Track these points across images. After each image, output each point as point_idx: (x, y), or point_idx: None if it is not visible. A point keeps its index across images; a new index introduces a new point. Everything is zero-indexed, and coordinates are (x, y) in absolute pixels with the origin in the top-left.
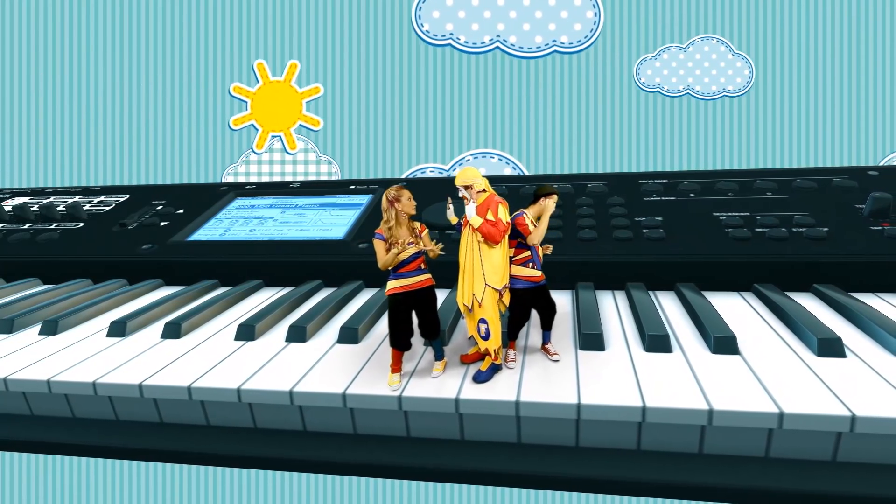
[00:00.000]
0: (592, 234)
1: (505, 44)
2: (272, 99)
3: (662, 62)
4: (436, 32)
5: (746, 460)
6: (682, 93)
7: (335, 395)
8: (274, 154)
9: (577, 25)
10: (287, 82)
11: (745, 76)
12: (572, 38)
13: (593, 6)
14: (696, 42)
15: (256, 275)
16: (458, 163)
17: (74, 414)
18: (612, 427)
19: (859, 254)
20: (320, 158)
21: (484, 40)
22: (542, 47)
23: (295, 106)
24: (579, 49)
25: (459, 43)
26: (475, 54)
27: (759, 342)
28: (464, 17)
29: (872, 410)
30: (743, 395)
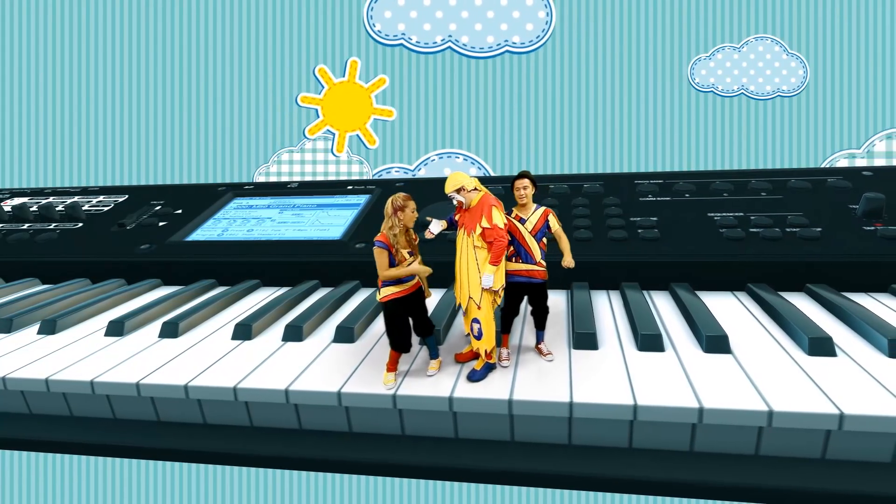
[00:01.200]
0: (588, 234)
1: (457, 44)
2: (341, 100)
3: (717, 62)
4: (388, 32)
5: (737, 458)
6: (737, 93)
7: (330, 394)
8: (305, 154)
9: (529, 25)
10: (351, 81)
11: (799, 76)
12: (524, 38)
13: (545, 6)
14: (751, 42)
15: (254, 275)
16: (424, 163)
17: (72, 413)
18: (605, 425)
19: (852, 254)
20: (351, 158)
21: (436, 40)
22: (494, 47)
23: (364, 102)
24: (531, 49)
25: (411, 43)
26: (427, 54)
27: (751, 341)
28: (416, 17)
29: (860, 409)
30: (733, 394)
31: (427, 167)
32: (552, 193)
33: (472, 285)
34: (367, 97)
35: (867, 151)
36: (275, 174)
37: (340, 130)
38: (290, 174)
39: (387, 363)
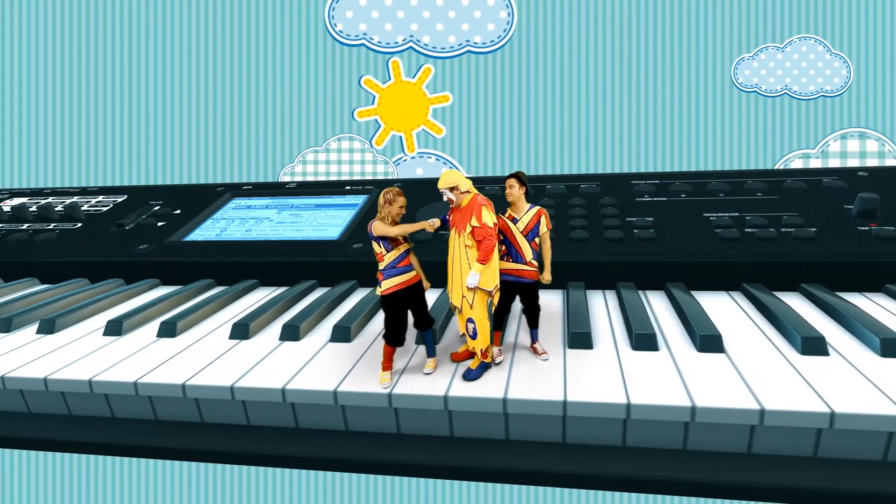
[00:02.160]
0: (584, 235)
1: (418, 44)
2: (396, 102)
3: (760, 62)
4: (349, 32)
5: (729, 456)
6: (780, 93)
7: (326, 393)
8: (330, 154)
9: (491, 25)
10: (398, 80)
11: (842, 76)
12: (486, 38)
13: (506, 6)
14: (794, 42)
15: (252, 275)
16: (396, 162)
17: (71, 411)
18: (598, 423)
19: (846, 254)
20: (376, 158)
21: (397, 40)
22: (456, 47)
23: (422, 110)
24: (493, 49)
25: (373, 43)
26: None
27: (745, 341)
28: (377, 17)
29: (851, 407)
30: (726, 393)
31: (399, 167)
32: (549, 193)
33: (465, 284)
34: (420, 91)
35: (821, 151)
36: (300, 174)
37: (405, 131)
38: (316, 174)
39: (382, 361)
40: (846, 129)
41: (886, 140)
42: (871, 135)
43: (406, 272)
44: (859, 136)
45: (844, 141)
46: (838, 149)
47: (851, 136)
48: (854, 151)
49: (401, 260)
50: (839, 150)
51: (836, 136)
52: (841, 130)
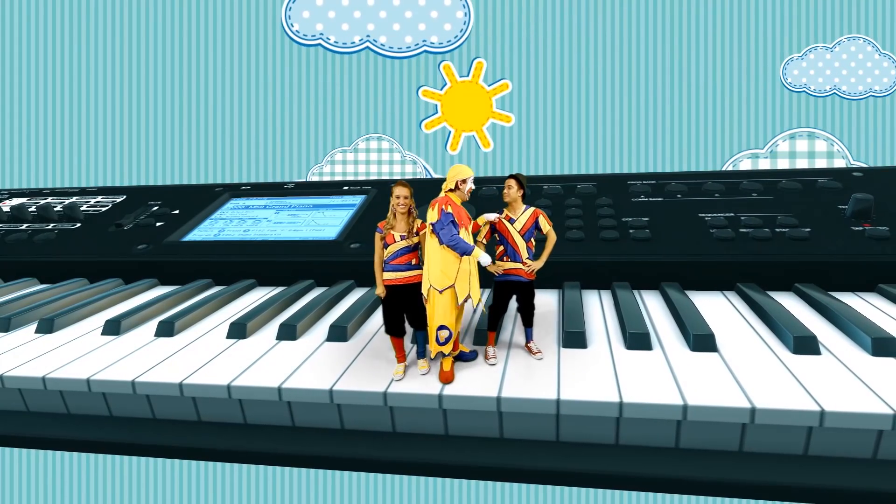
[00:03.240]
0: (580, 235)
1: (375, 44)
2: (461, 99)
3: (809, 62)
4: (306, 33)
5: (721, 454)
6: (829, 93)
7: (322, 392)
8: (359, 154)
9: (447, 25)
10: (475, 81)
11: (891, 76)
12: (442, 38)
13: (463, 6)
14: (843, 42)
15: (250, 274)
16: None
17: (69, 410)
18: (592, 422)
19: (840, 254)
20: (405, 158)
21: (354, 40)
22: (413, 47)
23: (485, 104)
24: (449, 49)
25: (329, 43)
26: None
27: (738, 340)
28: (334, 17)
29: (841, 405)
30: (717, 391)
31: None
32: (545, 194)
33: (431, 273)
34: (488, 100)
35: (770, 152)
36: (328, 174)
37: (457, 129)
38: (344, 174)
39: (395, 354)
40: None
41: (835, 140)
42: (819, 135)
43: (403, 270)
44: (808, 136)
45: (793, 141)
46: (787, 149)
47: (800, 136)
48: (803, 151)
49: (396, 257)
50: (788, 150)
51: (784, 136)
52: (790, 130)
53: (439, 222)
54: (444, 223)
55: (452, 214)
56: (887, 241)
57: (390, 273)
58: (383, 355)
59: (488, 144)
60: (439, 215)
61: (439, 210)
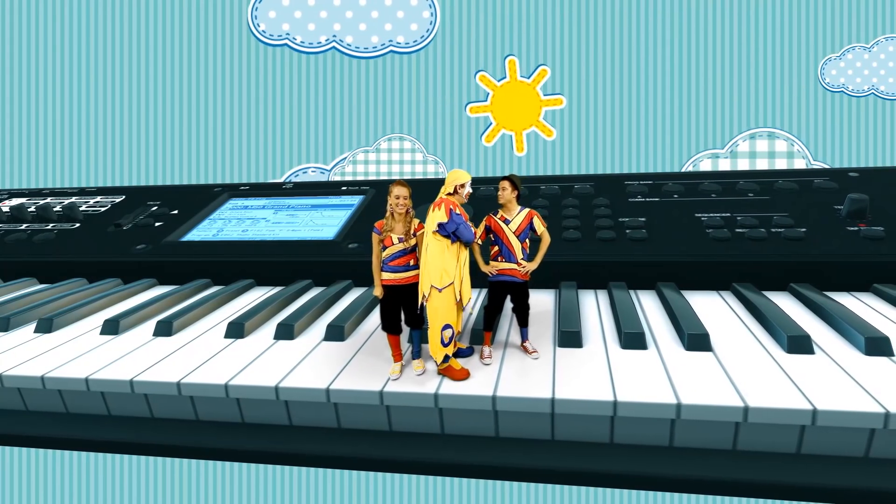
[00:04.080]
0: (577, 235)
1: (341, 44)
2: (509, 101)
3: (847, 62)
4: (272, 32)
5: (715, 453)
6: (867, 93)
7: (319, 391)
8: (381, 154)
9: (414, 25)
10: (514, 79)
11: None
12: (408, 38)
13: (429, 6)
14: (881, 42)
15: (248, 274)
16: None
17: (68, 409)
18: (586, 421)
19: (835, 254)
20: (427, 158)
21: (320, 40)
22: (379, 47)
23: (532, 97)
24: (416, 49)
25: (296, 43)
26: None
27: (733, 339)
28: (300, 17)
29: (833, 404)
30: (711, 390)
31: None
32: (543, 194)
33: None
34: (534, 91)
35: (730, 151)
36: (350, 174)
37: (516, 130)
38: (366, 174)
39: (391, 353)
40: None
41: (795, 140)
42: (779, 135)
43: (400, 271)
44: (768, 136)
45: (753, 141)
46: (747, 149)
47: (760, 135)
48: (763, 151)
49: (394, 259)
50: (748, 150)
51: (745, 135)
52: (750, 130)
53: (451, 222)
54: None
55: (461, 215)
56: (882, 241)
57: (389, 274)
58: (380, 354)
59: (550, 133)
60: (448, 216)
61: (447, 211)
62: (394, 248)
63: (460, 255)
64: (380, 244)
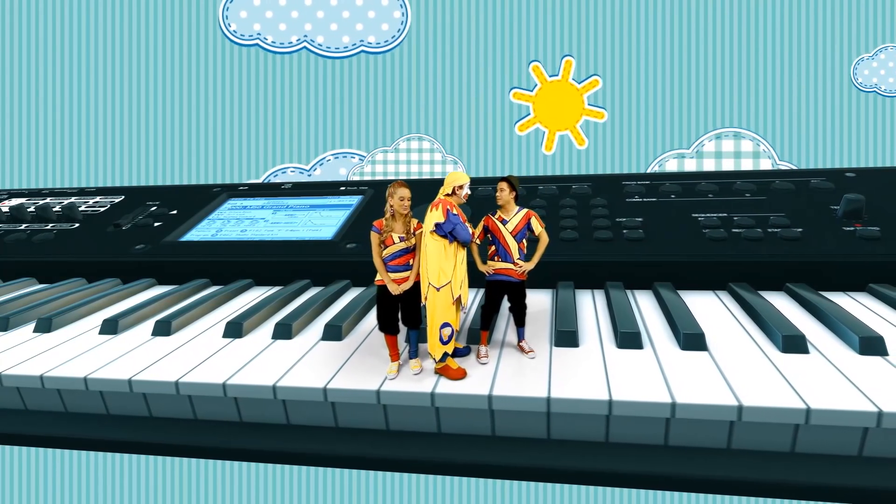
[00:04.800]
0: (574, 235)
1: (312, 44)
2: (553, 99)
3: (880, 62)
4: (243, 32)
5: (710, 451)
6: None
7: (316, 390)
8: (399, 154)
9: (385, 25)
10: (565, 80)
11: None
12: (379, 38)
13: (401, 6)
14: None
15: (247, 274)
16: (319, 163)
17: (67, 408)
18: (582, 420)
19: (831, 254)
20: (446, 158)
21: (291, 40)
22: (350, 47)
23: (577, 102)
24: (387, 49)
25: (267, 43)
26: (282, 54)
27: (728, 339)
28: (271, 17)
29: (827, 403)
30: (706, 389)
31: (322, 167)
32: (541, 194)
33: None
34: (580, 98)
35: (696, 151)
36: (369, 174)
37: (550, 129)
38: (385, 174)
39: (389, 353)
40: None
41: (761, 140)
42: (745, 135)
43: (400, 271)
44: (734, 136)
45: (719, 141)
46: (713, 148)
47: (726, 136)
48: (729, 151)
49: (394, 258)
50: (714, 150)
51: (710, 135)
52: (716, 130)
53: (448, 223)
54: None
55: (459, 216)
56: (878, 241)
57: (391, 273)
58: (377, 354)
59: (583, 142)
60: (445, 216)
61: (444, 211)
62: (395, 247)
63: (458, 255)
64: (380, 244)
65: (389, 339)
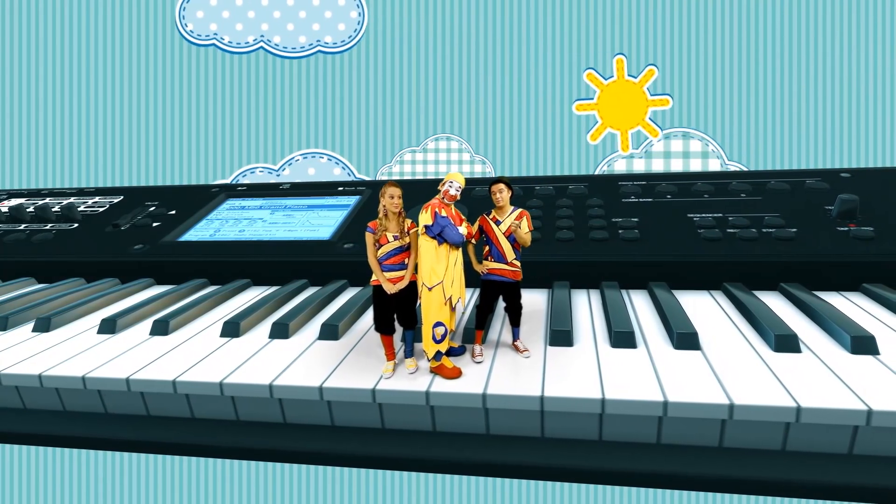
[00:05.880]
0: (570, 235)
1: (269, 44)
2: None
3: None
4: (200, 32)
5: (702, 449)
6: None
7: (312, 389)
8: (427, 154)
9: (342, 25)
10: (621, 78)
11: None
12: (336, 38)
13: (357, 6)
14: None
15: (244, 274)
16: (288, 162)
17: (65, 407)
18: (575, 418)
19: (825, 254)
20: (474, 158)
21: (248, 40)
22: (307, 47)
23: (639, 96)
24: (343, 49)
25: (224, 43)
26: (239, 54)
27: (722, 338)
28: (228, 17)
29: (817, 402)
30: (698, 388)
31: (292, 167)
32: (537, 195)
33: (422, 271)
34: (641, 91)
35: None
36: (398, 174)
37: (622, 129)
38: (413, 174)
39: (384, 352)
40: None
41: (710, 140)
42: (694, 135)
43: (395, 270)
44: (682, 136)
45: (668, 141)
46: (662, 149)
47: (675, 136)
48: (678, 151)
49: (389, 257)
50: (663, 150)
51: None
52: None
53: (437, 225)
54: (443, 225)
55: (447, 217)
56: (872, 241)
57: (385, 272)
58: (373, 353)
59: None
60: (433, 219)
61: (432, 214)
62: (389, 246)
63: (450, 256)
64: (375, 243)
65: (385, 339)
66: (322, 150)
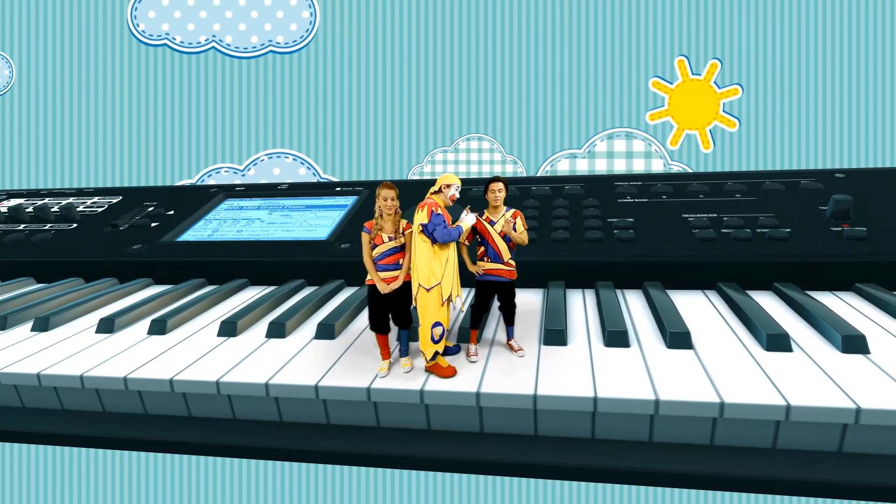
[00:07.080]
0: (565, 235)
1: (221, 44)
2: (690, 96)
3: None
4: (151, 32)
5: (693, 447)
6: None
7: (308, 387)
8: (459, 154)
9: (293, 25)
10: (706, 81)
11: None
12: (288, 38)
13: (309, 6)
14: None
15: (243, 274)
16: (253, 162)
17: (63, 406)
18: (568, 417)
19: (819, 254)
20: (506, 158)
21: (200, 40)
22: (258, 47)
23: (713, 106)
24: (295, 49)
25: (175, 43)
26: (191, 54)
27: (714, 337)
28: (179, 17)
29: (806, 400)
30: (689, 387)
31: (257, 167)
32: (534, 195)
33: (419, 272)
34: (709, 87)
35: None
36: (429, 174)
37: (699, 128)
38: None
39: (379, 351)
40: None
41: (653, 140)
42: (637, 135)
43: (390, 270)
44: (626, 136)
45: (611, 141)
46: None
47: (618, 136)
48: (621, 151)
49: (384, 257)
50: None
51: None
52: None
53: (431, 223)
54: (436, 224)
55: (443, 216)
56: (865, 241)
57: (380, 272)
58: (369, 352)
59: (709, 145)
60: (429, 217)
61: (429, 212)
62: (384, 246)
63: (446, 255)
64: (370, 243)
65: (380, 339)
66: (287, 150)
